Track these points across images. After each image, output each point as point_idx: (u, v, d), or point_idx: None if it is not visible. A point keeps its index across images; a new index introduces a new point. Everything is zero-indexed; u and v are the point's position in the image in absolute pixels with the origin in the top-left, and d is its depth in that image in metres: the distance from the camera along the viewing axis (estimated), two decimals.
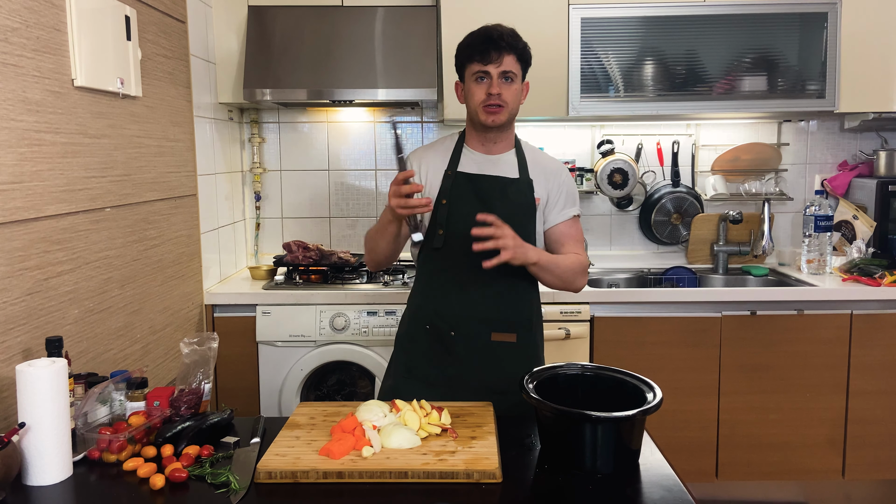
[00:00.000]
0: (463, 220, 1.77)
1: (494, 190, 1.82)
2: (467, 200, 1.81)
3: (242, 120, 3.22)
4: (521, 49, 1.82)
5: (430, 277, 1.89)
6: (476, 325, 1.83)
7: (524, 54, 1.83)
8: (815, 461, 2.76)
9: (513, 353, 1.84)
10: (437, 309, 1.86)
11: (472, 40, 1.81)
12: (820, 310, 2.70)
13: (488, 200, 1.81)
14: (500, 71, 1.78)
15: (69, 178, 1.76)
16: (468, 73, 1.81)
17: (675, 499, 1.21)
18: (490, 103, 1.77)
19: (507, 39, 1.79)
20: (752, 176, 3.28)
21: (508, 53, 1.79)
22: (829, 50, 2.84)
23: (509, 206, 1.80)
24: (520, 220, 1.79)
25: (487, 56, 1.77)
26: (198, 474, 1.29)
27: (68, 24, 1.76)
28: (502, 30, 1.81)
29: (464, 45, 1.83)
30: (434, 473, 1.26)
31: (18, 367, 1.28)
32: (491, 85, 1.77)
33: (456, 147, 1.89)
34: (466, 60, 1.81)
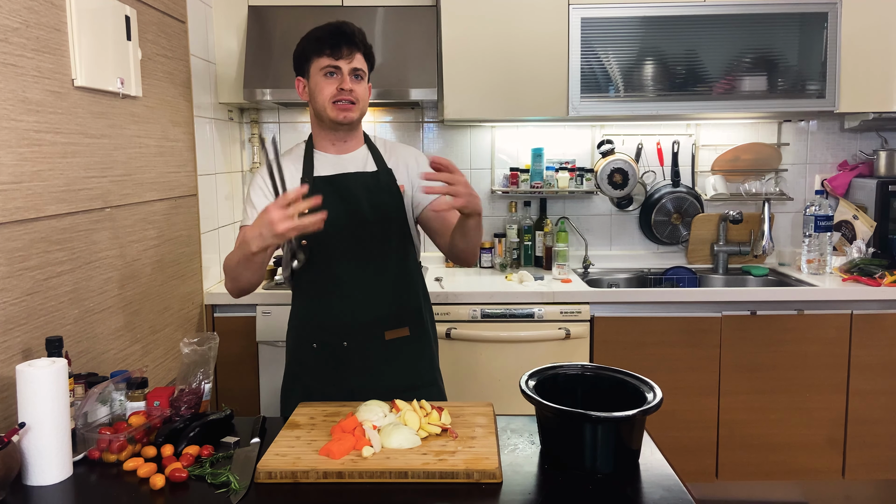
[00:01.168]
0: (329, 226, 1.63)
1: (356, 187, 1.75)
2: (330, 205, 1.63)
3: (242, 120, 3.22)
4: (369, 49, 1.76)
5: (306, 293, 1.80)
6: (367, 328, 1.76)
7: (371, 56, 1.78)
8: (815, 461, 2.76)
9: (409, 346, 1.80)
10: (321, 323, 1.78)
11: (321, 34, 1.72)
12: (820, 310, 2.70)
13: (352, 199, 1.74)
14: (352, 67, 1.71)
15: (69, 178, 1.76)
16: (315, 68, 1.72)
17: (675, 499, 1.20)
18: (341, 98, 1.70)
19: (359, 36, 1.73)
20: (752, 176, 3.28)
21: (359, 51, 1.73)
22: (829, 50, 2.84)
23: (374, 200, 1.75)
24: (389, 212, 1.75)
25: (339, 51, 1.70)
26: (198, 474, 1.29)
27: (68, 24, 1.76)
28: (353, 27, 1.74)
29: (312, 38, 1.74)
30: (434, 473, 1.26)
31: (18, 367, 1.28)
32: (342, 80, 1.70)
33: (306, 153, 1.80)
34: (314, 54, 1.72)
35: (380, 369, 1.77)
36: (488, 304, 2.69)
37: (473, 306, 2.69)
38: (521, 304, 2.68)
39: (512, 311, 2.68)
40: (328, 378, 1.78)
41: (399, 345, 1.79)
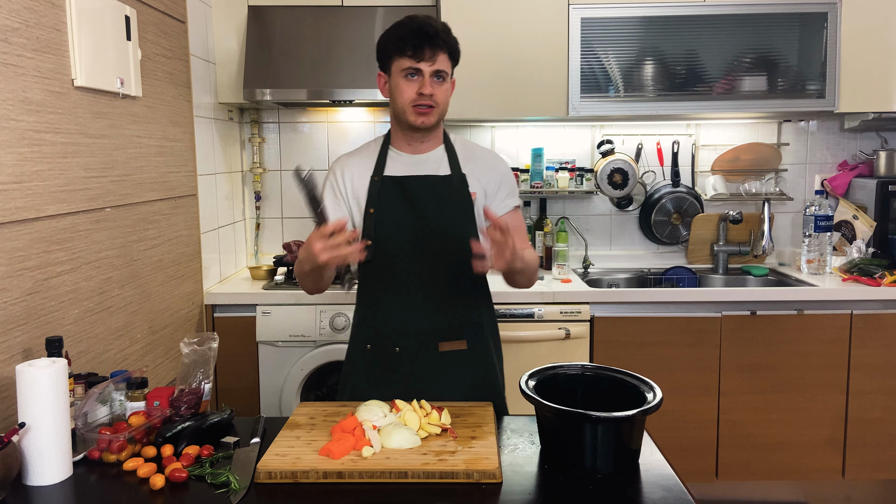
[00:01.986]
0: (393, 228, 1.69)
1: (425, 190, 1.71)
2: (396, 206, 1.70)
3: (242, 120, 3.22)
4: (453, 46, 1.69)
5: (366, 292, 1.78)
6: (420, 337, 1.72)
7: (455, 52, 1.70)
8: (815, 461, 2.76)
9: (465, 361, 1.74)
10: (376, 326, 1.75)
11: (404, 33, 1.64)
12: (820, 310, 2.70)
13: (419, 203, 1.70)
14: (434, 70, 1.64)
15: (69, 178, 1.76)
16: (396, 68, 1.66)
17: (675, 499, 1.20)
18: (421, 103, 1.65)
19: (443, 36, 1.65)
20: (752, 176, 3.28)
21: (443, 51, 1.65)
22: (829, 50, 2.84)
23: (442, 205, 1.70)
24: (457, 219, 1.71)
25: (421, 52, 1.62)
26: (198, 474, 1.29)
27: (68, 24, 1.76)
28: (437, 25, 1.66)
29: (393, 36, 1.65)
30: (434, 473, 1.26)
31: (18, 367, 1.28)
32: (423, 84, 1.64)
33: (381, 150, 1.77)
34: (396, 53, 1.65)
35: (430, 380, 1.70)
36: None
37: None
38: (521, 304, 2.68)
39: (512, 311, 2.68)
40: (377, 382, 1.73)
41: (454, 357, 1.73)
